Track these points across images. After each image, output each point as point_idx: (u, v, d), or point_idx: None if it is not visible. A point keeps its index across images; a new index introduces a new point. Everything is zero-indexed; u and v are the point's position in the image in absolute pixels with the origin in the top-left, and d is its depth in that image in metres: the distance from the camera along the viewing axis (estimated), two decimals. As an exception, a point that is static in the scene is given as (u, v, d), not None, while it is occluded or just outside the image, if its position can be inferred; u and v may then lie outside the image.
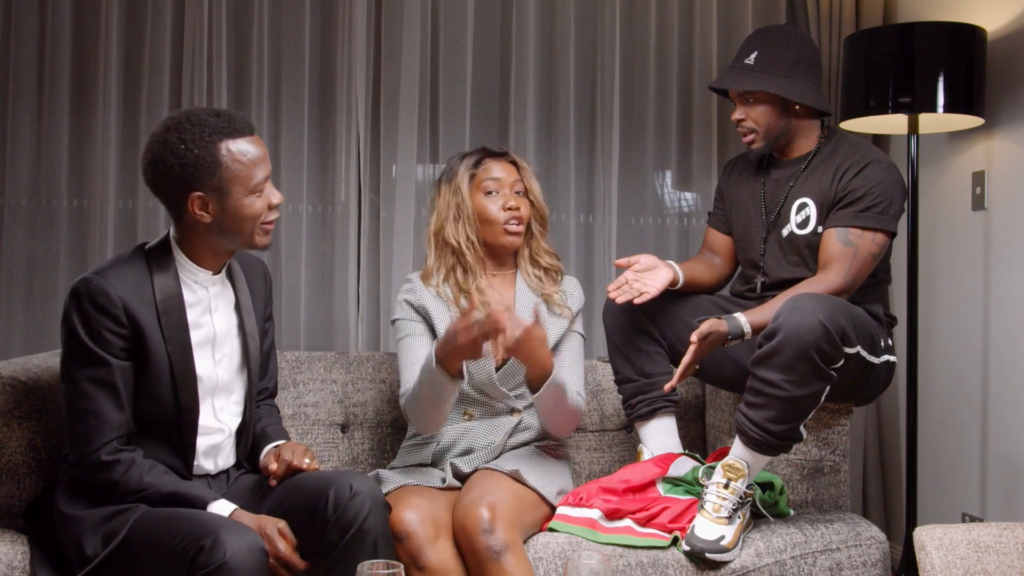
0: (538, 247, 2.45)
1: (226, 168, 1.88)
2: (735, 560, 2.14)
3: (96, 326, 1.85)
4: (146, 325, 1.89)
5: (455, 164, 2.43)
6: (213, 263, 2.01)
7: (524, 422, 2.37)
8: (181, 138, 1.87)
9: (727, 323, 2.20)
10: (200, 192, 1.88)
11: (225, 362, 2.03)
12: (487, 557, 1.97)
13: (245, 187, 1.90)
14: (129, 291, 1.88)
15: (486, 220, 2.37)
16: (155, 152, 1.89)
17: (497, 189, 2.37)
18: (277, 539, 1.83)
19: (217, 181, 1.88)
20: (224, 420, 2.04)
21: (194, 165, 1.86)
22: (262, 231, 1.96)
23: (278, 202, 1.97)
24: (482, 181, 2.38)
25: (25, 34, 2.95)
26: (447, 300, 2.36)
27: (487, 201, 2.37)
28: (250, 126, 1.94)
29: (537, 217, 2.44)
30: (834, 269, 2.27)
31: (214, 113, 1.92)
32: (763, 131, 2.40)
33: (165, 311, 1.92)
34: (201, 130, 1.87)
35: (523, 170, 2.43)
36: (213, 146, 1.87)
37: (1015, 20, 2.75)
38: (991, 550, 1.89)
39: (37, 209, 2.98)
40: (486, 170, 2.39)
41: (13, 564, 1.92)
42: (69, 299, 1.88)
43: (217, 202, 1.90)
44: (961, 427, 2.96)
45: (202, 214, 1.90)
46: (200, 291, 2.00)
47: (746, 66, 2.38)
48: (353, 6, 3.06)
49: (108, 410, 1.87)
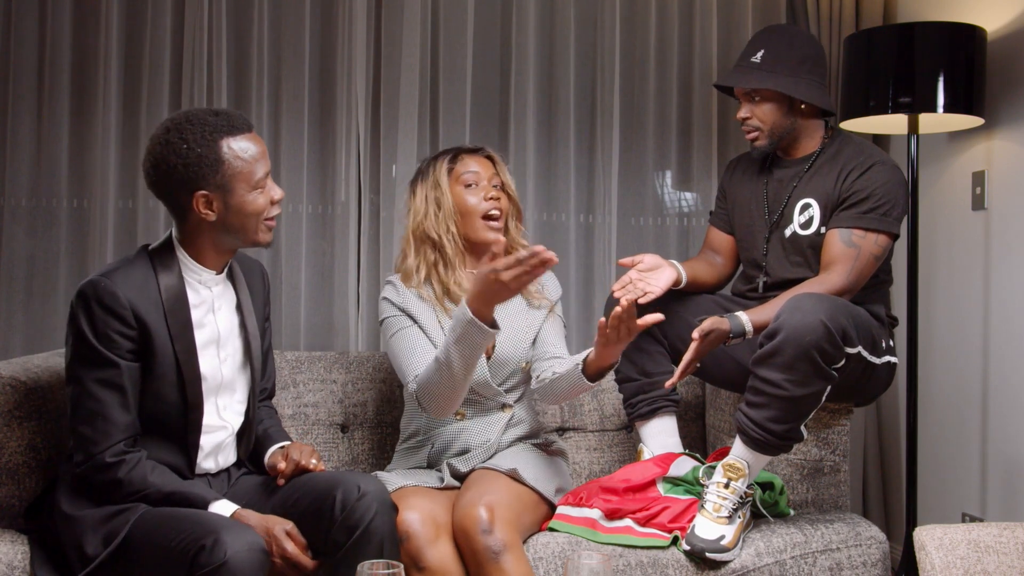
0: (514, 240, 2.45)
1: (228, 165, 1.90)
2: (735, 560, 2.14)
3: (104, 328, 1.86)
4: (153, 326, 1.90)
5: (428, 164, 2.45)
6: (216, 263, 2.02)
7: (516, 416, 2.38)
8: (183, 138, 1.88)
9: (729, 321, 2.21)
10: (204, 191, 1.90)
11: (229, 361, 2.04)
12: (486, 557, 1.97)
13: (248, 183, 1.92)
14: (136, 292, 1.89)
15: (465, 212, 2.36)
16: (157, 154, 1.90)
17: (476, 182, 2.38)
18: (285, 540, 1.84)
19: (220, 179, 1.90)
20: (227, 419, 2.05)
21: (197, 164, 1.88)
22: (265, 228, 1.98)
23: (279, 197, 1.99)
24: (461, 174, 2.39)
25: (25, 34, 2.95)
26: (430, 301, 2.35)
27: (467, 193, 2.37)
28: (248, 124, 1.96)
29: (513, 212, 2.45)
30: (836, 270, 2.27)
31: (213, 112, 1.94)
32: (768, 129, 2.40)
33: (171, 311, 1.93)
34: (202, 129, 1.89)
35: (499, 164, 2.44)
36: (215, 144, 1.89)
37: (1015, 20, 2.75)
38: (991, 550, 1.89)
39: (37, 209, 2.98)
40: (464, 164, 2.40)
41: (13, 564, 1.92)
42: (77, 301, 1.89)
43: (221, 200, 1.91)
44: (961, 427, 2.96)
45: (207, 212, 1.91)
46: (204, 291, 2.01)
47: (752, 64, 2.38)
48: (353, 6, 3.06)
49: (115, 412, 1.87)
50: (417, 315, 2.34)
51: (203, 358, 1.98)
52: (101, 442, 1.86)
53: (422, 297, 2.36)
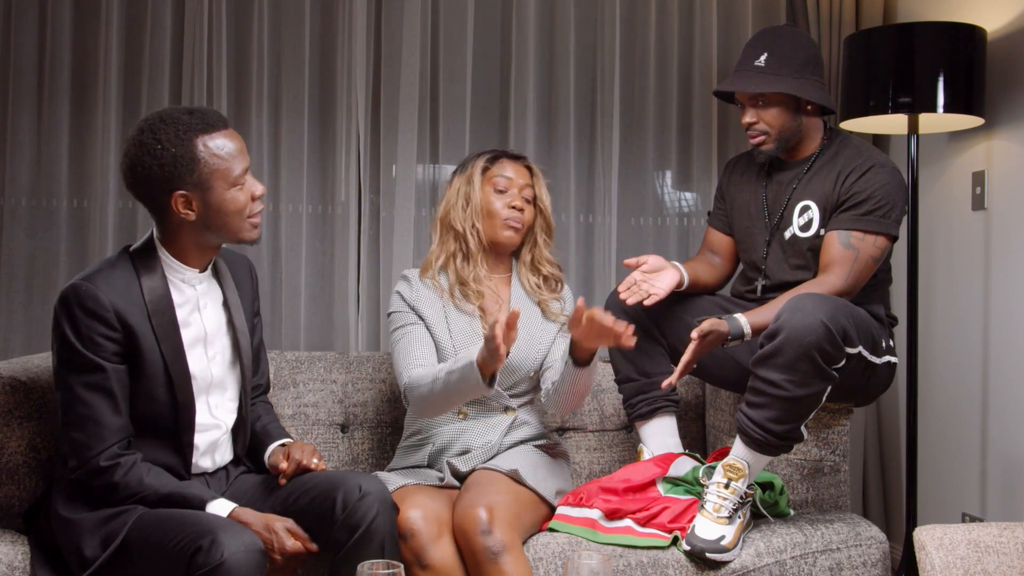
0: (540, 256, 2.46)
1: (205, 164, 1.88)
2: (735, 560, 2.14)
3: (88, 332, 1.85)
4: (138, 327, 1.89)
5: (471, 158, 2.47)
6: (199, 261, 2.00)
7: (519, 419, 2.38)
8: (156, 138, 1.86)
9: (728, 323, 2.20)
10: (182, 191, 1.88)
11: (218, 359, 2.03)
12: (485, 558, 1.97)
13: (226, 181, 1.90)
14: (118, 294, 1.88)
15: (489, 213, 2.38)
16: (132, 156, 1.88)
17: (507, 188, 2.39)
18: (286, 537, 1.83)
19: (197, 177, 1.88)
20: (220, 416, 2.04)
21: (172, 164, 1.86)
22: (250, 225, 1.96)
23: (261, 193, 1.97)
24: (494, 176, 2.40)
25: (25, 34, 2.95)
26: (440, 291, 2.38)
27: (494, 196, 2.39)
28: (224, 120, 1.93)
29: (543, 226, 2.46)
30: (835, 272, 2.27)
31: (187, 111, 1.91)
32: (776, 133, 2.38)
33: (155, 312, 1.91)
34: (176, 128, 1.87)
35: (536, 177, 2.45)
36: (189, 143, 1.87)
37: (1015, 20, 2.75)
38: (991, 550, 1.89)
39: (37, 209, 2.98)
40: (500, 166, 2.42)
41: (13, 564, 1.92)
42: (59, 306, 1.87)
43: (200, 199, 1.89)
44: (961, 427, 2.96)
45: (187, 212, 1.90)
46: (188, 290, 1.99)
47: (756, 68, 2.36)
48: (353, 6, 3.06)
49: (106, 415, 1.86)
50: (425, 313, 2.35)
51: (191, 357, 1.96)
52: (94, 446, 1.85)
53: (434, 287, 2.38)
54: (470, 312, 2.37)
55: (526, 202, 2.41)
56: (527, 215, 2.41)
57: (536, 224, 2.45)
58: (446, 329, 2.35)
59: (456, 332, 2.35)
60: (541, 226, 2.46)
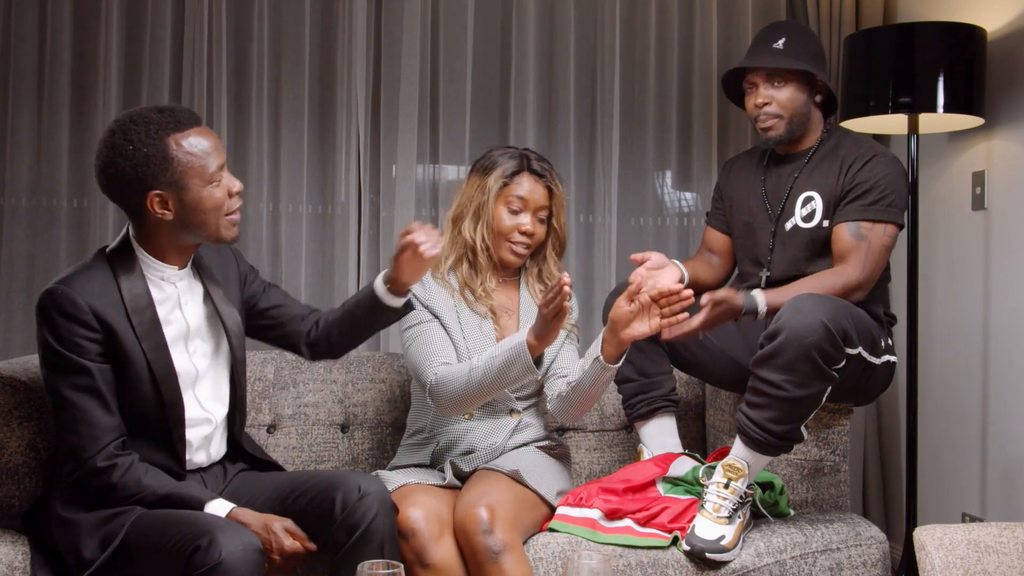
0: (549, 271, 2.44)
1: (178, 162, 1.85)
2: (735, 560, 2.14)
3: (69, 335, 1.84)
4: (118, 327, 1.88)
5: (495, 161, 2.37)
6: (178, 259, 1.98)
7: (524, 421, 2.38)
8: (128, 139, 1.84)
9: (743, 297, 2.20)
10: (157, 191, 1.86)
11: (198, 353, 2.01)
12: (486, 558, 1.97)
13: (201, 178, 1.88)
14: (95, 296, 1.87)
15: (498, 232, 2.34)
16: (105, 157, 1.87)
17: (521, 208, 2.34)
18: (284, 536, 1.83)
19: (171, 176, 1.85)
20: (210, 409, 2.03)
21: (145, 164, 1.84)
22: (228, 223, 1.93)
23: (238, 189, 1.94)
24: (510, 195, 2.34)
25: (25, 34, 2.95)
26: (451, 289, 2.36)
27: (506, 215, 2.34)
28: (196, 117, 1.91)
29: (555, 244, 2.43)
30: (851, 262, 2.28)
31: (158, 110, 1.89)
32: (788, 115, 2.39)
33: (135, 311, 1.90)
34: (146, 128, 1.85)
35: (555, 198, 2.39)
36: (161, 142, 1.84)
37: (1015, 20, 2.75)
38: (991, 550, 1.89)
39: (37, 209, 2.98)
40: (518, 185, 2.34)
41: (13, 565, 1.92)
42: (38, 313, 1.86)
43: (176, 198, 1.87)
44: (961, 427, 2.96)
45: (163, 212, 1.88)
46: (168, 287, 1.98)
47: (775, 49, 2.38)
48: (353, 6, 3.06)
49: (98, 415, 1.86)
50: (439, 312, 2.33)
51: (175, 354, 1.95)
52: (89, 447, 1.84)
53: (445, 286, 2.36)
54: (482, 313, 2.36)
55: (539, 223, 2.37)
56: (537, 237, 2.37)
57: (548, 242, 2.41)
58: (459, 330, 2.34)
59: (469, 334, 2.33)
60: (553, 243, 2.42)
